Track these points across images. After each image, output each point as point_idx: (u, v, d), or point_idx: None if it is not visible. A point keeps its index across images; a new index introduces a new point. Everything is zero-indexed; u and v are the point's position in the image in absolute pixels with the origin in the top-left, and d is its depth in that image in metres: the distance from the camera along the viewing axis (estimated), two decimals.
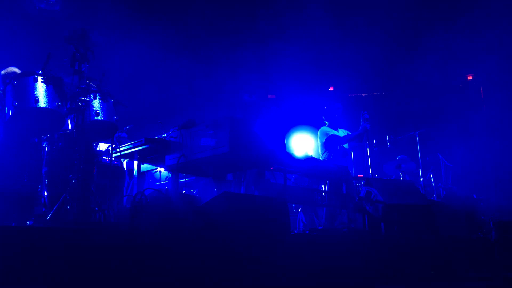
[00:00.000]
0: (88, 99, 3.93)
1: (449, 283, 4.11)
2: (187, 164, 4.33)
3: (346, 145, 6.79)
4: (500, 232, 5.13)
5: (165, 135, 4.56)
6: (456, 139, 9.71)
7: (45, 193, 4.14)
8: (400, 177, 8.27)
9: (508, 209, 7.98)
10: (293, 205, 7.55)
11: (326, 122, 6.95)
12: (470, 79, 10.23)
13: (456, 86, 10.24)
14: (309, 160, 5.20)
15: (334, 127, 6.92)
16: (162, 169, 6.25)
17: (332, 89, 10.15)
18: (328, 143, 6.65)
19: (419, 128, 8.23)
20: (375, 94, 8.09)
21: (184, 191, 6.44)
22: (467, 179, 9.20)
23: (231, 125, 4.01)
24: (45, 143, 4.35)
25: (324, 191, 5.55)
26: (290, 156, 4.92)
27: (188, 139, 4.34)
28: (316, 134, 7.06)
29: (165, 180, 6.67)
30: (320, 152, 6.79)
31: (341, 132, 6.91)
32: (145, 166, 5.17)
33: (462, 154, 9.36)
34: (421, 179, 8.00)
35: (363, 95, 6.79)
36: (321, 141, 6.78)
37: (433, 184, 8.22)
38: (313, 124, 9.77)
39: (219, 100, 8.66)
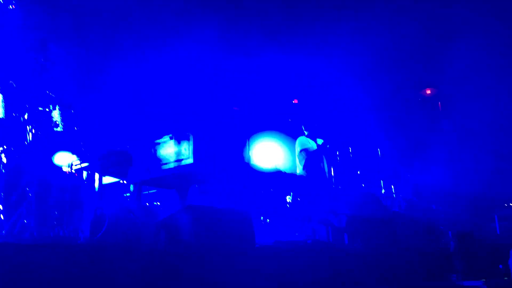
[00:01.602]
0: (47, 109, 3.81)
1: None
2: (152, 177, 4.26)
3: (323, 158, 6.71)
4: (458, 242, 5.27)
5: (129, 146, 4.48)
6: (417, 152, 9.93)
7: (0, 207, 3.97)
8: (362, 189, 8.39)
9: (465, 220, 8.22)
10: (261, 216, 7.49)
11: (306, 132, 6.74)
12: (428, 94, 10.49)
13: (414, 100, 10.45)
14: (276, 173, 5.19)
15: (313, 137, 6.72)
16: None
17: (296, 101, 10.15)
18: (306, 153, 6.57)
19: (381, 141, 8.38)
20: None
21: (147, 204, 6.32)
22: (427, 190, 9.41)
23: (195, 137, 3.99)
24: (1, 154, 4.19)
25: (289, 203, 5.56)
26: (254, 169, 4.90)
27: (152, 151, 4.30)
28: (287, 142, 6.94)
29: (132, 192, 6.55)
30: (298, 165, 6.73)
31: (319, 142, 6.78)
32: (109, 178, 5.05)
33: (422, 166, 9.59)
34: (383, 190, 8.14)
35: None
36: (297, 151, 6.69)
37: (394, 195, 8.38)
38: (284, 130, 9.63)
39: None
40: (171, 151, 4.13)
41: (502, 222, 7.19)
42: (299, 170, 6.60)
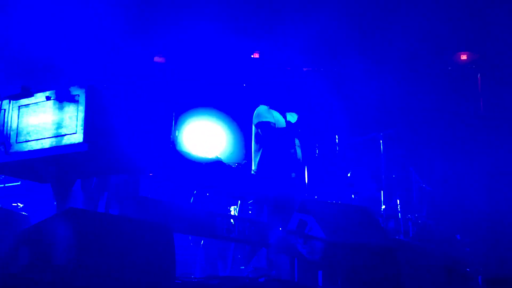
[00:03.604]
0: None
1: None
2: (10, 160, 4.18)
3: (296, 141, 6.81)
4: None
5: None
6: (439, 149, 10.15)
7: None
8: (351, 201, 8.49)
9: (502, 259, 8.45)
10: (189, 237, 7.53)
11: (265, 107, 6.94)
12: (464, 59, 10.73)
13: (443, 69, 10.71)
14: (216, 166, 5.20)
15: (279, 109, 6.92)
16: None
17: (256, 55, 10.38)
18: (263, 132, 6.63)
19: (385, 127, 8.49)
20: (321, 70, 8.29)
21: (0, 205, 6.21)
22: (451, 210, 9.64)
23: (88, 100, 3.93)
24: None
25: (234, 217, 5.58)
26: (182, 157, 4.88)
27: (15, 118, 4.21)
28: (229, 124, 7.05)
29: None
30: (254, 146, 6.80)
31: (290, 119, 6.89)
32: None
33: (446, 172, 9.81)
34: (383, 206, 8.26)
35: (304, 69, 6.91)
36: (254, 129, 6.75)
37: (400, 215, 8.52)
38: (224, 108, 9.82)
39: (70, 58, 8.72)
40: (46, 119, 4.04)
41: None
42: (254, 162, 6.66)
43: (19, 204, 6.60)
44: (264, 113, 6.73)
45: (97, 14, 9.11)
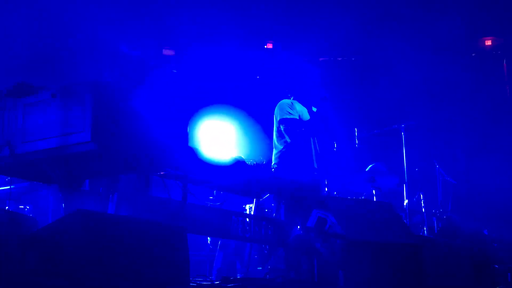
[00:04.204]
0: None
1: None
2: (14, 160, 4.20)
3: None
4: None
5: None
6: (463, 140, 10.10)
7: None
8: (373, 196, 8.47)
9: None
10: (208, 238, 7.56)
11: (291, 97, 6.94)
12: (488, 45, 10.68)
13: (466, 55, 10.67)
14: (236, 166, 5.21)
15: (304, 102, 6.92)
16: None
17: (270, 46, 10.38)
18: (287, 129, 6.63)
19: (407, 119, 8.46)
20: (339, 59, 8.27)
21: (7, 207, 6.24)
22: (477, 204, 9.59)
23: (95, 96, 3.92)
24: None
25: (249, 216, 5.58)
26: (195, 155, 4.88)
27: (19, 116, 4.22)
28: (244, 119, 7.05)
29: None
30: (276, 142, 6.82)
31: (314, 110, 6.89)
32: None
33: (471, 164, 9.75)
34: (406, 201, 8.24)
35: (320, 59, 6.89)
36: (276, 124, 6.75)
37: (423, 209, 8.49)
38: (239, 102, 9.83)
39: (77, 54, 8.77)
40: (53, 118, 4.04)
41: None
42: (274, 157, 6.67)
43: (26, 206, 6.64)
44: (287, 108, 6.70)
45: (104, 6, 9.16)
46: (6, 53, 9.11)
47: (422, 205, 8.55)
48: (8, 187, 6.28)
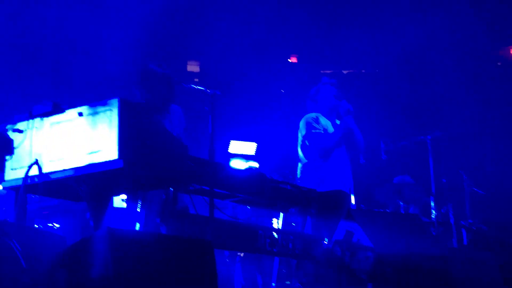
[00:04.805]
0: None
1: None
2: (44, 180, 4.23)
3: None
4: None
5: (6, 126, 4.43)
6: (490, 149, 10.03)
7: None
8: (400, 209, 8.43)
9: None
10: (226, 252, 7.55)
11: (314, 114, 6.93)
12: None
13: (491, 64, 10.61)
14: (254, 175, 5.20)
15: (328, 115, 6.92)
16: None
17: (295, 60, 10.40)
18: (312, 144, 6.63)
19: (433, 130, 8.42)
20: (363, 71, 8.25)
21: (37, 226, 6.27)
22: (508, 214, 9.50)
23: (122, 114, 3.94)
24: None
25: (277, 230, 5.57)
26: (222, 170, 4.89)
27: (47, 136, 4.25)
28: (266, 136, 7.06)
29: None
30: (301, 156, 6.82)
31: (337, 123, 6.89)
32: None
33: (499, 174, 9.67)
34: (434, 212, 8.19)
35: (345, 72, 6.89)
36: (300, 138, 6.76)
37: (452, 221, 8.43)
38: (263, 118, 9.86)
39: (103, 70, 8.86)
40: (79, 136, 4.07)
41: None
42: (299, 171, 6.67)
43: (55, 224, 6.67)
44: (313, 123, 6.70)
45: (126, 24, 9.26)
46: (36, 70, 9.24)
47: (450, 216, 8.49)
48: (37, 205, 6.31)
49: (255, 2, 10.05)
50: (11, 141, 4.42)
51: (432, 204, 8.21)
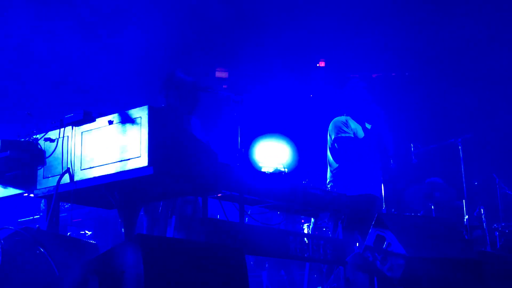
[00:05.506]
0: None
1: None
2: (75, 188, 4.26)
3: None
4: None
5: (37, 136, 4.45)
6: None
7: None
8: (431, 212, 8.37)
9: None
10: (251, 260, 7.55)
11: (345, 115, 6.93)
12: None
13: None
14: (284, 180, 5.20)
15: (358, 118, 6.91)
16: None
17: (322, 64, 10.41)
18: (342, 148, 6.62)
19: (464, 132, 8.35)
20: (393, 75, 8.22)
21: (69, 233, 6.31)
22: None
23: (151, 121, 3.96)
24: None
25: (308, 235, 5.55)
26: (252, 176, 4.89)
27: (78, 144, 4.28)
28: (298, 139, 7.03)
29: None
30: (330, 160, 6.81)
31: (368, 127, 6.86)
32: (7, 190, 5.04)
33: None
34: (466, 216, 8.12)
35: (374, 75, 6.85)
36: (330, 142, 6.76)
37: (485, 224, 8.35)
38: (293, 123, 9.85)
39: (129, 79, 8.96)
40: (110, 144, 4.09)
41: None
42: (329, 175, 6.65)
43: (86, 231, 6.71)
44: (343, 126, 6.69)
45: (154, 34, 9.33)
46: (69, 82, 9.36)
47: (483, 219, 8.41)
48: (69, 213, 6.35)
49: (283, 9, 10.06)
50: (43, 150, 4.46)
51: (464, 207, 8.14)
